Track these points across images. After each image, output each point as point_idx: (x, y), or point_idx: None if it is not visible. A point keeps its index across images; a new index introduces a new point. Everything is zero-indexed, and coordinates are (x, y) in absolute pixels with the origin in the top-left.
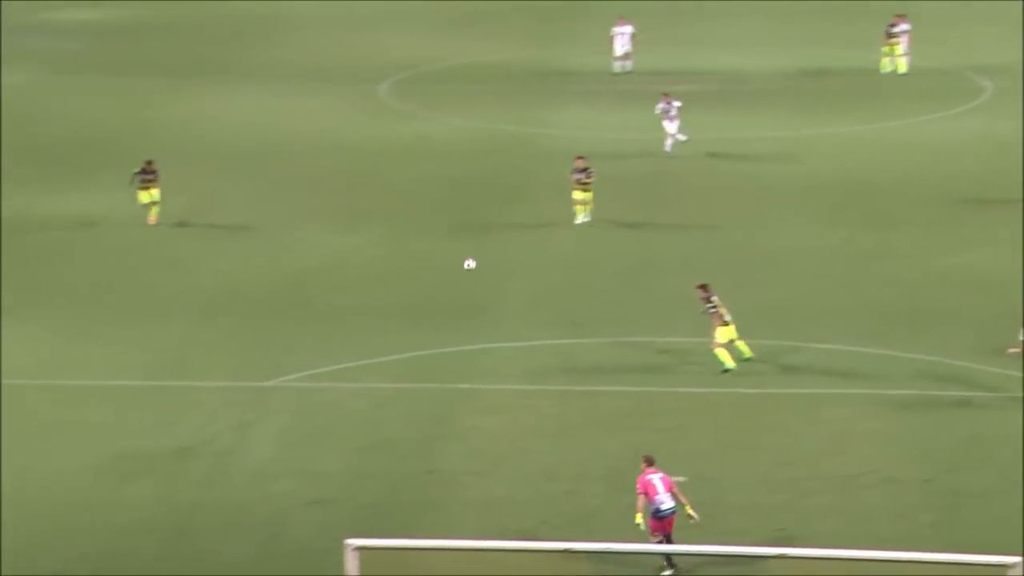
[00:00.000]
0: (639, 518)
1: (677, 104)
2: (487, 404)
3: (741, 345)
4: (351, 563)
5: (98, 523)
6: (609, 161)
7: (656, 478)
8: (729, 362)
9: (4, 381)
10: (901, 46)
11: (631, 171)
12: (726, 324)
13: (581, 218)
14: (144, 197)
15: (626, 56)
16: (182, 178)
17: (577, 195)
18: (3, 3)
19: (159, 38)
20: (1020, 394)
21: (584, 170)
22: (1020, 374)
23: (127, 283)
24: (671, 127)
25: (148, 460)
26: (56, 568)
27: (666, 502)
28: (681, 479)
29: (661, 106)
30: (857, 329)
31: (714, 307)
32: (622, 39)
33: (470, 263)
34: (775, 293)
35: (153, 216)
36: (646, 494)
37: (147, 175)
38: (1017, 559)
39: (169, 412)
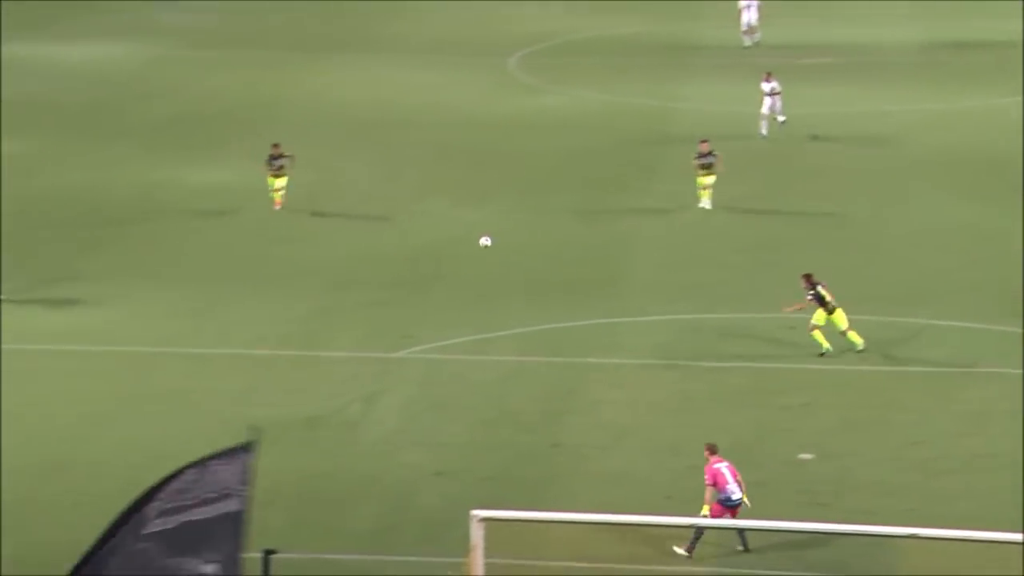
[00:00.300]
0: (706, 509)
1: (776, 84)
2: (612, 378)
3: (853, 335)
4: (476, 534)
5: None
6: (738, 136)
7: (723, 467)
8: (825, 343)
9: (142, 349)
10: None
11: (760, 145)
12: (832, 310)
13: (704, 202)
14: (273, 183)
15: (752, 29)
16: (312, 150)
17: (701, 179)
18: None
19: (291, 12)
20: None
21: (708, 154)
22: None
23: (259, 255)
24: (775, 106)
25: (278, 429)
26: None
27: (736, 492)
28: (808, 457)
29: (764, 84)
30: (992, 307)
31: (814, 295)
32: (748, 12)
33: (485, 241)
34: (908, 270)
35: (278, 200)
36: (716, 484)
37: (276, 160)
38: None
39: (298, 382)
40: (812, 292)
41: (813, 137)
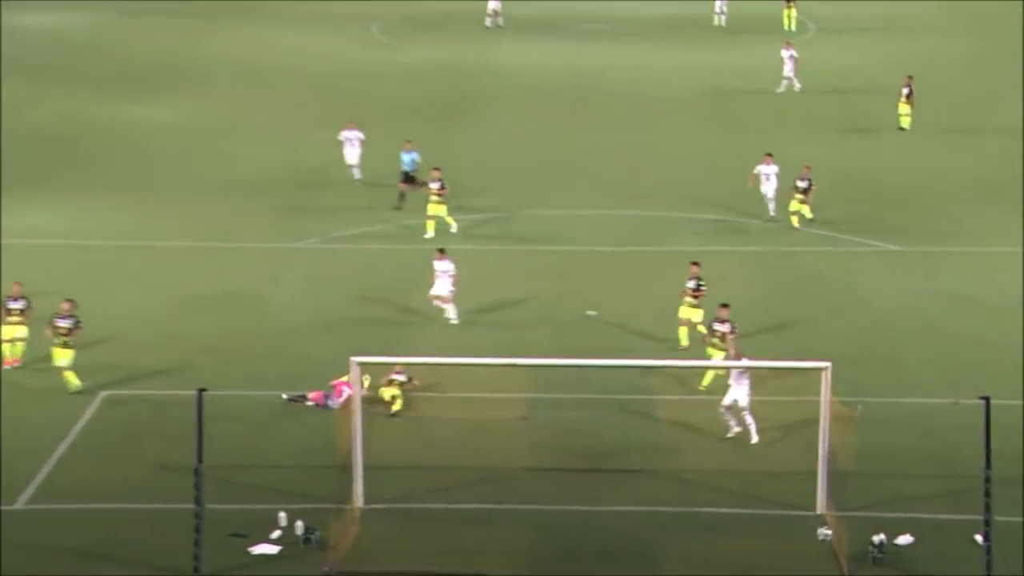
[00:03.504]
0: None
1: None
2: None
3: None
4: (355, 373)
5: (174, 344)
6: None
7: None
8: (684, 340)
9: (101, 242)
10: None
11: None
12: (695, 306)
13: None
14: (7, 333)
15: (496, 13)
16: (223, 94)
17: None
18: None
19: None
20: None
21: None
22: None
23: (187, 172)
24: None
25: (207, 300)
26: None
27: (345, 392)
28: (593, 313)
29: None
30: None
31: (698, 287)
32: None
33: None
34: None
35: (15, 358)
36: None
37: (15, 302)
38: None
39: (222, 265)
40: (699, 284)
41: None
